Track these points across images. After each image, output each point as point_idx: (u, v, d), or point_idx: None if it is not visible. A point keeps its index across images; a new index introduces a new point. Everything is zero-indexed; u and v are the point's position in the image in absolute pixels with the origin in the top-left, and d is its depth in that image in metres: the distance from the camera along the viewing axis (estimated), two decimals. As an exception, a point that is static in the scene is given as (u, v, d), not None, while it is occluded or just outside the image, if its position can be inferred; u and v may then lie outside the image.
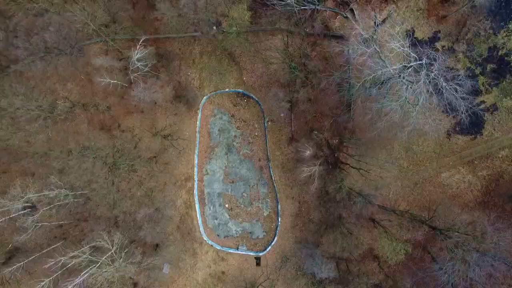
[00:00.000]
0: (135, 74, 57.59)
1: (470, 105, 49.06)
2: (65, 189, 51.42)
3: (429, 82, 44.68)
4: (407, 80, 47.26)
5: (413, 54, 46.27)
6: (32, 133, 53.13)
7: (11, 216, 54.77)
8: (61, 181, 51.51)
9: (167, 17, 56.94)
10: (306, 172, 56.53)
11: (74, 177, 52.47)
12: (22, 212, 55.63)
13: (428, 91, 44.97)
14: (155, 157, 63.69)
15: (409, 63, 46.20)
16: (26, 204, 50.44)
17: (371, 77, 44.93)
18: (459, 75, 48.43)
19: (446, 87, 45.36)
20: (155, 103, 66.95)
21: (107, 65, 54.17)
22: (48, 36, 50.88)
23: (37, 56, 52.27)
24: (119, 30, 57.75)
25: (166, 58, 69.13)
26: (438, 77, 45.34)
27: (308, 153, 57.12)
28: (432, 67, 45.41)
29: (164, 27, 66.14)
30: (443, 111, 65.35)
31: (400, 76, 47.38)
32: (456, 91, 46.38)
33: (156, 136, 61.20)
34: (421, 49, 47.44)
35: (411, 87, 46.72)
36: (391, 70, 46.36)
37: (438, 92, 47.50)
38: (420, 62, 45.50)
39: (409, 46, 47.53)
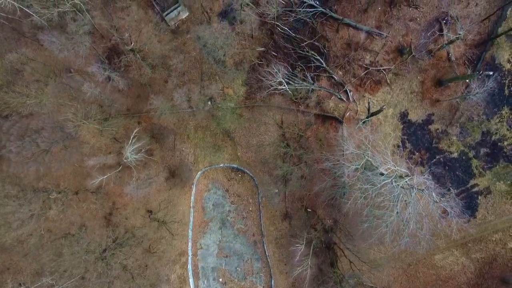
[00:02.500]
0: (129, 159, 57.49)
1: (462, 223, 48.99)
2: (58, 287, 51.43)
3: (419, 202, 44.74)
4: (400, 187, 47.24)
5: (404, 170, 46.31)
6: (25, 234, 53.17)
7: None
8: (53, 279, 51.45)
9: (160, 109, 57.02)
10: (298, 270, 56.52)
11: (66, 280, 52.37)
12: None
13: (418, 211, 45.02)
14: (149, 239, 63.60)
15: (400, 177, 46.23)
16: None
17: (362, 197, 45.04)
18: (450, 192, 48.26)
19: (438, 210, 45.42)
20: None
21: (100, 163, 54.20)
22: (41, 140, 51.13)
23: (30, 158, 52.45)
24: (113, 117, 57.82)
25: (161, 134, 69.13)
26: (428, 197, 45.40)
27: (300, 249, 57.06)
28: (422, 189, 45.48)
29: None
30: (436, 194, 65.68)
31: (392, 182, 47.37)
32: (450, 209, 46.44)
33: (151, 221, 61.29)
34: (413, 167, 47.42)
35: (402, 196, 46.72)
36: (384, 180, 46.35)
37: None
38: (411, 177, 45.53)
39: (402, 157, 47.54)
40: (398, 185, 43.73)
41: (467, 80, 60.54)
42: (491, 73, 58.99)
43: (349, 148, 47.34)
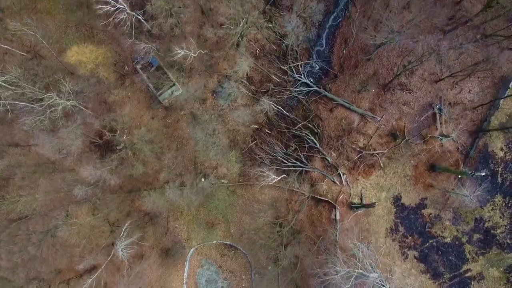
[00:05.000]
0: (120, 256, 57.20)
1: None
2: None
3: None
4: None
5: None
6: None
7: None
8: None
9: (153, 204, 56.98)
10: None
11: None
12: None
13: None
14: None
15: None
16: None
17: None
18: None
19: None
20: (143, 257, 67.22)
21: (91, 265, 54.01)
22: (31, 247, 51.03)
23: (20, 264, 52.32)
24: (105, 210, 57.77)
25: (154, 211, 68.88)
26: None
27: None
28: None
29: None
30: (429, 278, 65.61)
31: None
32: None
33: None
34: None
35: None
36: None
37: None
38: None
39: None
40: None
41: (459, 176, 60.51)
42: (483, 173, 59.03)
43: (340, 271, 47.14)
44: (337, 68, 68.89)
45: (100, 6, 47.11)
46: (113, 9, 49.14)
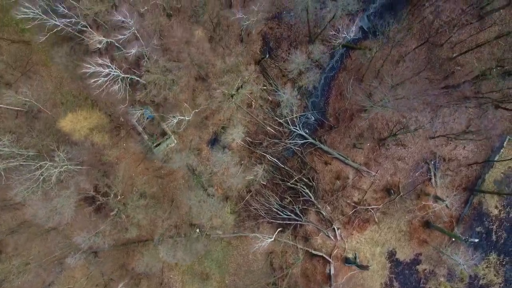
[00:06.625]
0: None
1: None
2: None
3: None
4: None
5: None
6: None
7: None
8: None
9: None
10: None
11: None
12: None
13: None
14: None
15: None
16: None
17: None
18: None
19: None
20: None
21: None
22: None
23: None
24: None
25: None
26: None
27: None
28: None
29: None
30: (424, 334, 65.51)
31: None
32: None
33: None
34: None
35: None
36: None
37: None
38: None
39: None
40: None
41: (452, 238, 60.51)
42: (476, 240, 59.01)
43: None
44: (333, 119, 68.88)
45: (94, 80, 47.14)
46: (105, 79, 49.12)
